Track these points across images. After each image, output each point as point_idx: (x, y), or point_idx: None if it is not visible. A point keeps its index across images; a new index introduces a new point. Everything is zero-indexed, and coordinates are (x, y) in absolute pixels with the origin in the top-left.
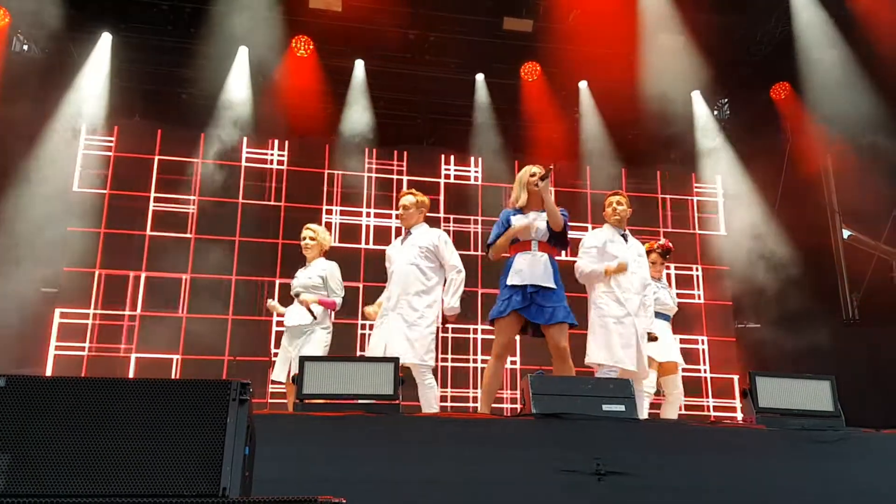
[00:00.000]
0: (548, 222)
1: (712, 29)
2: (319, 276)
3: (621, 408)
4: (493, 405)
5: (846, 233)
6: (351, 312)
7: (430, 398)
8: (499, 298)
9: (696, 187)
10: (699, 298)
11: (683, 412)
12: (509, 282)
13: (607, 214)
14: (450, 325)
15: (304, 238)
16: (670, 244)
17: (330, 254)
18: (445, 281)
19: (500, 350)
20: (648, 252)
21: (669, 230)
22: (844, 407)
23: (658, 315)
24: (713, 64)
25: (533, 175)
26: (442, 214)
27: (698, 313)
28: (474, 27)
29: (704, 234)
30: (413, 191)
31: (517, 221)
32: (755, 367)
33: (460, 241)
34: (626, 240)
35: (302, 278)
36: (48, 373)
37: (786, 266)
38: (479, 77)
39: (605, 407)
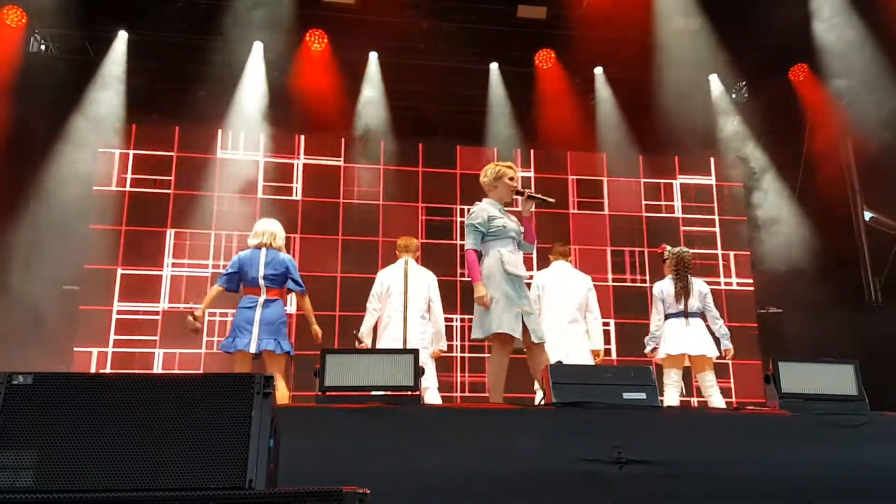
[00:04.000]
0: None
1: (728, 11)
2: None
3: (642, 395)
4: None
5: (868, 215)
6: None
7: None
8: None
9: (716, 173)
10: (721, 284)
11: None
12: None
13: None
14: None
15: None
16: (663, 248)
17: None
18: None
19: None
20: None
21: (689, 216)
22: (868, 391)
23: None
24: (730, 47)
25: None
26: (458, 206)
27: (720, 299)
28: (488, 15)
29: (725, 219)
30: None
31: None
32: (778, 352)
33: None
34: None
35: None
36: (73, 370)
37: (807, 249)
38: (494, 66)
39: (626, 395)
